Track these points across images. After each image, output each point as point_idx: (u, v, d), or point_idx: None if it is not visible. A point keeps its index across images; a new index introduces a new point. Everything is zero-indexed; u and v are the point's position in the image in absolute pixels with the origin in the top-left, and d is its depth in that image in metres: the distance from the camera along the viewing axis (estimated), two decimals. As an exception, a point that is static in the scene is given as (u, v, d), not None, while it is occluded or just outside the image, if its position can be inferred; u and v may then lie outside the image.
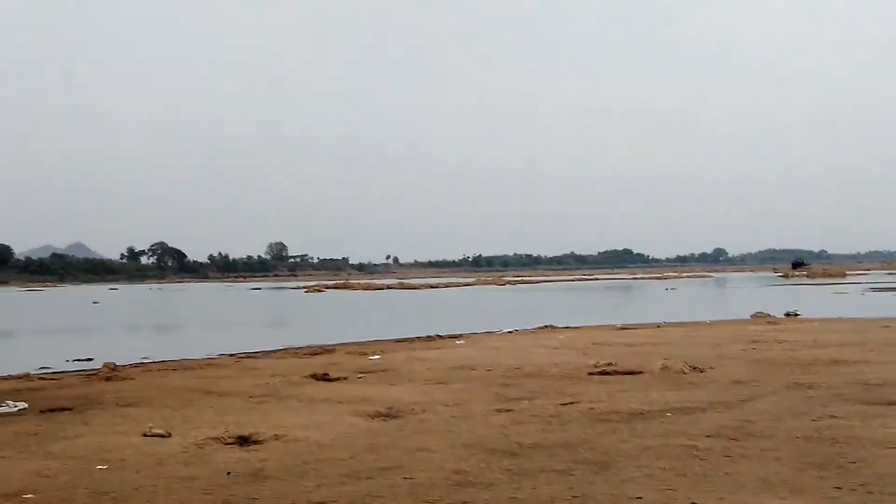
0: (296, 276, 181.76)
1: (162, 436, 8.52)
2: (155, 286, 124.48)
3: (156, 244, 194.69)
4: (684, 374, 12.43)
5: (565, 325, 25.42)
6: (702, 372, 12.59)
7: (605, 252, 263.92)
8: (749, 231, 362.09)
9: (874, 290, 57.08)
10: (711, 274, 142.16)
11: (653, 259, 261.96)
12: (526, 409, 9.77)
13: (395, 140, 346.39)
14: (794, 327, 22.13)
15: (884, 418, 8.49)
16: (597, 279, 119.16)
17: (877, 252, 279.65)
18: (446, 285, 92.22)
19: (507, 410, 9.67)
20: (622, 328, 23.84)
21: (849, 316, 27.38)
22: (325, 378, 13.18)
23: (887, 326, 20.67)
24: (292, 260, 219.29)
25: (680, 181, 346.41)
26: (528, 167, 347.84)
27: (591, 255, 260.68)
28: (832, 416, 8.67)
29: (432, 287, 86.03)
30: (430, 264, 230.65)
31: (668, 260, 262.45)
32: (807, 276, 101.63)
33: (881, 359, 13.74)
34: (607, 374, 12.76)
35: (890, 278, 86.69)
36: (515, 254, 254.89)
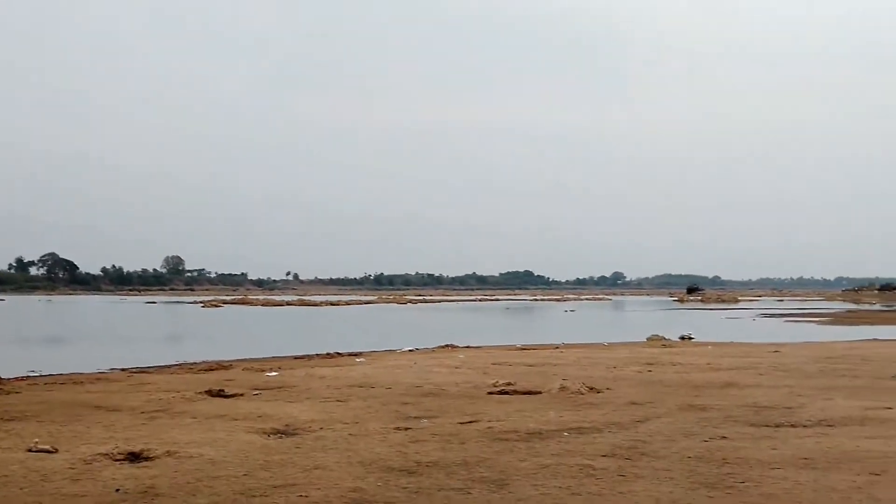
0: (193, 290, 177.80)
1: (48, 451, 8.20)
2: (45, 298, 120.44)
3: (46, 255, 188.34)
4: (582, 394, 12.59)
5: (466, 345, 25.48)
6: (599, 393, 12.78)
7: (507, 273, 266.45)
8: (647, 256, 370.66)
9: (764, 315, 58.99)
10: (610, 297, 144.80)
11: (553, 281, 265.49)
12: (425, 427, 9.74)
13: (303, 156, 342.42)
14: (688, 350, 22.66)
15: (772, 440, 8.73)
16: (498, 300, 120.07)
17: (767, 279, 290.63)
18: (347, 303, 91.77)
19: (406, 429, 9.63)
20: (522, 348, 24.05)
21: (741, 340, 28.17)
22: (220, 394, 12.91)
23: (777, 351, 21.33)
24: (189, 274, 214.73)
25: (581, 204, 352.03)
26: (431, 187, 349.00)
27: (493, 276, 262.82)
28: (723, 438, 8.89)
29: (333, 304, 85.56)
30: (332, 282, 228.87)
31: (567, 282, 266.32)
32: (701, 301, 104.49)
33: (770, 382, 14.16)
34: (507, 393, 12.84)
35: (779, 305, 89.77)
36: (417, 273, 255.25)
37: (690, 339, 28.97)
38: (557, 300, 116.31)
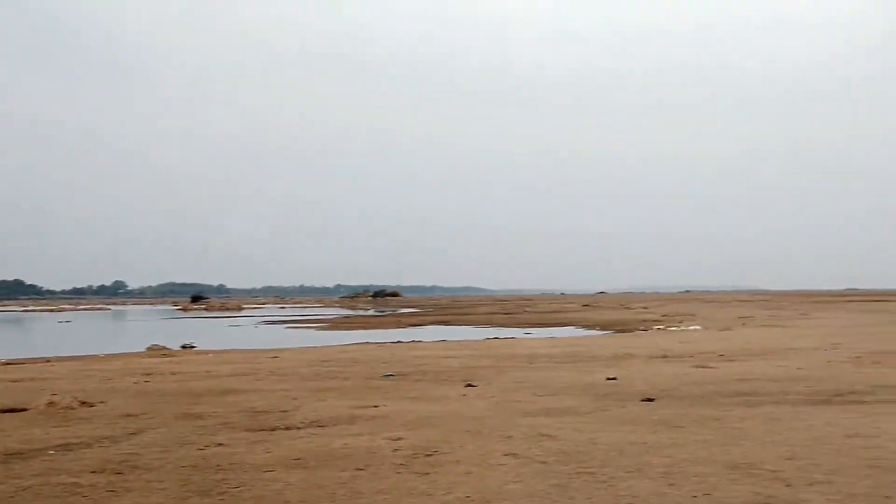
0: None
1: None
2: None
3: None
4: (73, 409, 11.86)
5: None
6: (91, 406, 12.11)
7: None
8: (149, 264, 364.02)
9: (266, 322, 60.69)
10: (110, 307, 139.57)
11: (46, 291, 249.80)
12: None
13: None
14: (189, 359, 22.45)
15: (266, 443, 8.88)
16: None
17: (271, 287, 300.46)
18: None
19: None
20: (6, 364, 22.14)
21: (242, 347, 28.58)
22: None
23: (276, 357, 21.91)
24: None
25: (74, 207, 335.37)
26: None
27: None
28: (219, 444, 8.85)
29: None
30: None
31: (63, 292, 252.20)
32: (206, 310, 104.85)
33: (268, 387, 14.46)
34: (-15, 412, 11.69)
35: (282, 312, 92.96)
36: None
37: (192, 347, 28.83)
38: (52, 311, 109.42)
